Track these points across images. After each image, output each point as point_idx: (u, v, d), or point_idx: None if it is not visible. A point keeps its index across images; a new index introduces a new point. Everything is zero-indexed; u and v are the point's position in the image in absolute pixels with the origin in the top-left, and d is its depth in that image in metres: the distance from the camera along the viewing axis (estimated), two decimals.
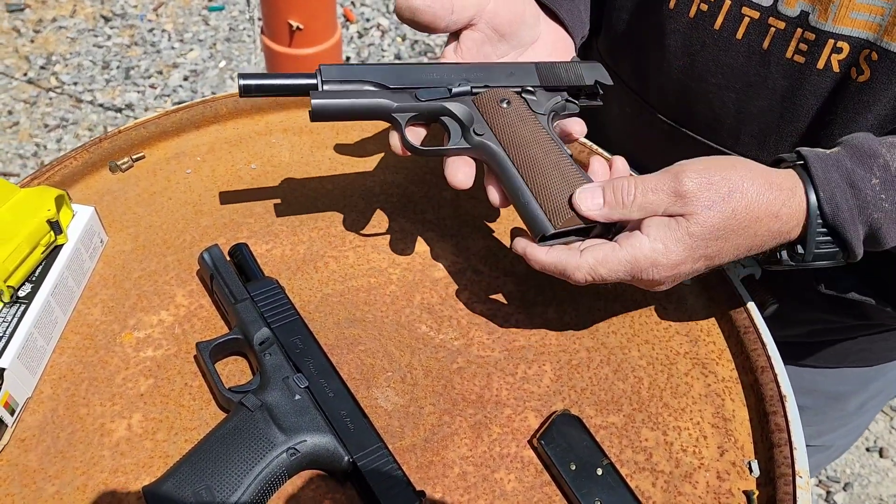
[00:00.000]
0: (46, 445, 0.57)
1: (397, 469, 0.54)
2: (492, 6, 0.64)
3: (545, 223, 0.58)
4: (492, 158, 0.61)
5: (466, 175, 0.62)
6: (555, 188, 0.58)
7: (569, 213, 0.57)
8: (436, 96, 0.63)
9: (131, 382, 0.61)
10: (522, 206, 0.59)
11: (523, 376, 0.63)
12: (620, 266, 0.55)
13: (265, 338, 0.60)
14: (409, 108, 0.62)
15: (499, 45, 0.66)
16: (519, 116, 0.62)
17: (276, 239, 0.72)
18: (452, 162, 0.62)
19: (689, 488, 0.57)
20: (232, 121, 0.84)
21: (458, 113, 0.63)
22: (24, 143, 2.35)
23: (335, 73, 0.61)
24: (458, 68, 0.64)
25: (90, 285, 0.68)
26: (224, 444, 0.53)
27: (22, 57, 2.63)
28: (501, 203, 0.62)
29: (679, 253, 0.55)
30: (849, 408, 0.89)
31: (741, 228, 0.55)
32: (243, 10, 2.84)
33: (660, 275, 0.55)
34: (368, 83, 0.62)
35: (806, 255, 0.56)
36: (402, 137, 0.62)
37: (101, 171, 0.78)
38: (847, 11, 0.60)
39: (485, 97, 0.63)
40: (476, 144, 0.62)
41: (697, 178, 0.54)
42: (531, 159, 0.60)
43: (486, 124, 0.62)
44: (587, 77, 0.67)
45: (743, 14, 0.66)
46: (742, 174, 0.55)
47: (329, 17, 1.81)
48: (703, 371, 0.65)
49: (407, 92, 0.62)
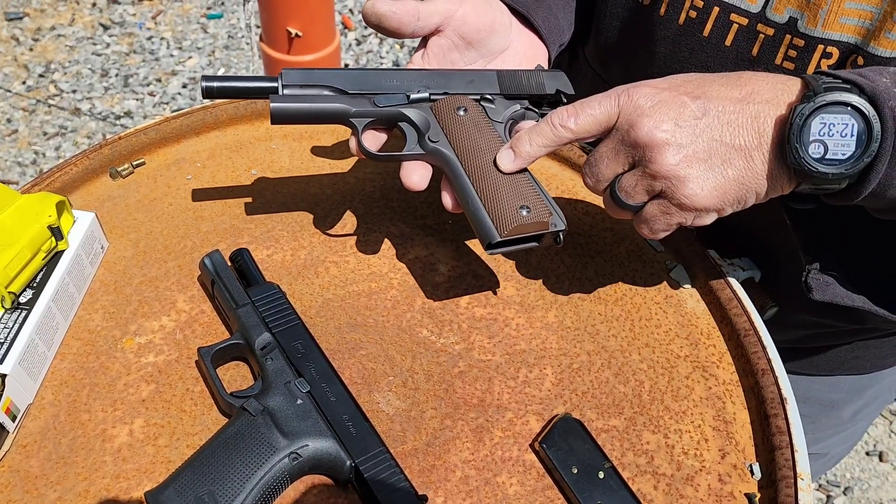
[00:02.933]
0: (48, 451, 0.57)
1: (399, 473, 0.54)
2: (460, 13, 0.64)
3: (492, 230, 0.58)
4: (445, 164, 0.62)
5: (421, 177, 0.63)
6: (504, 196, 0.59)
7: (516, 222, 0.58)
8: (393, 102, 0.64)
9: (133, 388, 0.61)
10: (471, 212, 0.60)
11: (524, 380, 0.63)
12: (599, 105, 0.56)
13: (266, 342, 0.60)
14: (367, 113, 0.63)
15: (466, 52, 0.67)
16: (475, 124, 0.63)
17: (277, 244, 0.73)
18: (408, 164, 0.64)
19: (690, 491, 0.57)
20: (232, 127, 0.85)
21: (414, 119, 0.64)
22: (23, 151, 2.35)
23: (296, 78, 0.63)
24: (419, 75, 0.65)
25: (91, 291, 0.68)
26: (226, 449, 0.53)
27: (21, 65, 2.63)
28: (454, 208, 0.63)
29: (650, 84, 0.55)
30: (843, 415, 0.89)
31: (711, 78, 0.55)
32: (241, 17, 2.84)
33: (648, 100, 0.55)
34: (329, 88, 0.63)
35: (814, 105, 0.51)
36: (359, 142, 0.63)
37: (101, 177, 0.78)
38: (836, 17, 0.60)
39: (442, 104, 0.64)
40: (430, 150, 0.63)
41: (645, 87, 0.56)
42: (482, 167, 0.61)
43: (442, 131, 0.63)
44: (548, 86, 0.68)
45: (731, 21, 0.66)
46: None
47: (327, 24, 1.81)
48: (703, 374, 0.65)
49: (366, 97, 0.64)
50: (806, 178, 0.52)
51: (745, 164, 0.53)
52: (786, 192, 0.55)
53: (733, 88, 0.54)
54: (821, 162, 0.51)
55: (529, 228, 0.59)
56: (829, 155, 0.51)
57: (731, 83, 0.54)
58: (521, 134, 0.60)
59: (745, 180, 0.54)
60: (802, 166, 0.51)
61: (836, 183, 0.52)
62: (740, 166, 0.53)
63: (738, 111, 0.53)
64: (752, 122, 0.53)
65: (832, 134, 0.51)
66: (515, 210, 0.58)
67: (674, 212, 0.55)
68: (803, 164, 0.51)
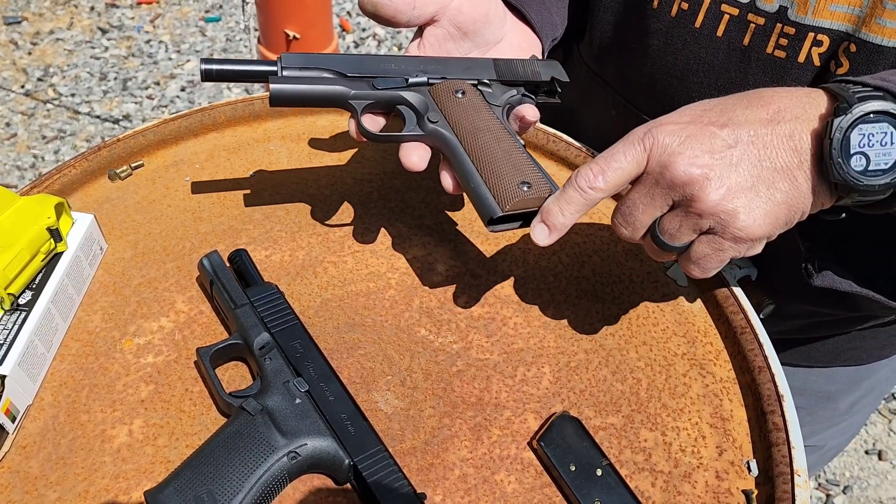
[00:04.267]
0: (48, 452, 0.57)
1: (398, 472, 0.54)
2: (455, 3, 0.65)
3: (493, 206, 0.59)
4: (445, 145, 0.63)
5: (420, 157, 0.63)
6: (504, 173, 0.59)
7: (517, 196, 0.58)
8: (392, 85, 0.64)
9: (132, 388, 0.61)
10: (472, 189, 0.60)
11: (522, 378, 0.63)
12: (624, 155, 0.54)
13: (265, 342, 0.60)
14: (366, 95, 0.64)
15: (462, 42, 0.68)
16: (473, 106, 0.64)
17: (276, 244, 0.73)
18: (407, 145, 0.64)
19: (688, 488, 0.57)
20: (230, 128, 0.85)
21: (413, 102, 0.64)
22: (22, 155, 2.35)
23: (295, 61, 0.63)
24: (417, 60, 0.66)
25: (90, 292, 0.68)
26: (225, 448, 0.54)
27: (19, 69, 2.64)
28: (454, 189, 0.63)
29: (671, 121, 0.53)
30: (840, 407, 0.89)
31: (731, 102, 0.53)
32: (240, 20, 2.85)
33: (675, 137, 0.52)
34: (328, 71, 0.64)
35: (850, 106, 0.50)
36: (358, 123, 0.63)
37: (100, 179, 0.78)
38: (826, 4, 0.61)
39: (440, 87, 0.65)
40: (430, 132, 0.63)
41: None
42: (482, 145, 0.61)
43: (441, 113, 0.64)
44: (544, 74, 0.69)
45: (722, 11, 0.66)
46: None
47: (325, 26, 1.82)
48: (700, 372, 0.65)
49: (365, 80, 0.64)
50: (850, 192, 0.51)
51: (791, 186, 0.52)
52: (826, 206, 0.54)
53: (758, 109, 0.53)
54: (864, 174, 0.50)
55: (530, 203, 0.59)
56: (871, 166, 0.50)
57: (754, 104, 0.53)
58: (549, 206, 0.57)
59: (792, 202, 0.52)
60: (848, 182, 0.50)
61: (882, 193, 0.51)
62: (786, 188, 0.52)
63: (771, 133, 0.52)
64: (787, 141, 0.51)
65: (872, 144, 0.50)
66: (516, 185, 0.59)
67: (727, 247, 0.53)
68: (849, 179, 0.50)
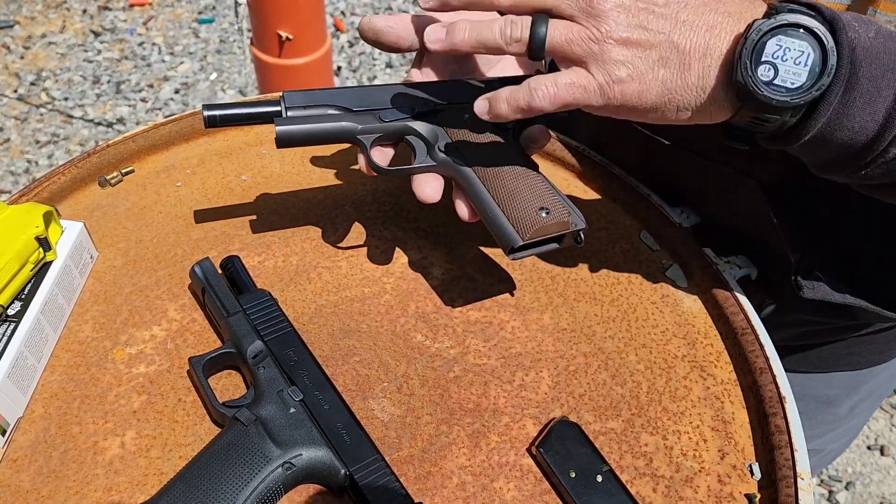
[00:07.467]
0: (39, 465, 0.56)
1: (395, 481, 0.53)
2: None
3: (513, 235, 0.58)
4: (458, 174, 0.62)
5: (434, 189, 0.62)
6: (521, 200, 0.58)
7: (537, 224, 0.57)
8: (399, 116, 0.63)
9: (124, 399, 0.60)
10: (490, 219, 0.59)
11: (521, 384, 0.63)
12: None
13: (258, 351, 0.59)
14: (374, 129, 0.62)
15: (464, 63, 0.67)
16: (482, 130, 0.62)
17: (269, 250, 0.72)
18: (420, 177, 0.62)
19: (690, 493, 0.57)
20: (222, 132, 0.84)
21: (422, 131, 0.63)
22: (16, 160, 2.34)
23: (298, 100, 0.62)
24: (422, 87, 0.64)
25: (80, 302, 0.67)
26: (219, 460, 0.53)
27: (12, 74, 2.62)
28: (470, 217, 0.62)
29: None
30: (840, 411, 0.88)
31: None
32: (233, 21, 2.84)
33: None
34: (332, 107, 0.62)
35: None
36: (368, 158, 0.62)
37: (89, 186, 0.77)
38: None
39: (448, 114, 0.63)
40: (441, 161, 0.62)
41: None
42: (496, 172, 0.60)
43: (451, 141, 0.62)
44: None
45: None
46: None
47: (318, 26, 1.81)
48: (701, 374, 0.64)
49: (371, 113, 0.63)
50: (747, 100, 0.49)
51: (679, 72, 0.50)
52: (718, 118, 0.52)
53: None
54: (768, 86, 0.48)
55: (550, 229, 0.58)
56: (777, 80, 0.48)
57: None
58: (499, 96, 0.56)
59: (672, 87, 0.50)
60: (748, 84, 0.48)
61: (778, 114, 0.49)
62: (674, 69, 0.50)
63: (698, 15, 0.50)
64: (705, 31, 0.50)
65: (786, 59, 0.48)
66: (535, 212, 0.58)
67: (578, 33, 0.51)
68: (749, 82, 0.48)
